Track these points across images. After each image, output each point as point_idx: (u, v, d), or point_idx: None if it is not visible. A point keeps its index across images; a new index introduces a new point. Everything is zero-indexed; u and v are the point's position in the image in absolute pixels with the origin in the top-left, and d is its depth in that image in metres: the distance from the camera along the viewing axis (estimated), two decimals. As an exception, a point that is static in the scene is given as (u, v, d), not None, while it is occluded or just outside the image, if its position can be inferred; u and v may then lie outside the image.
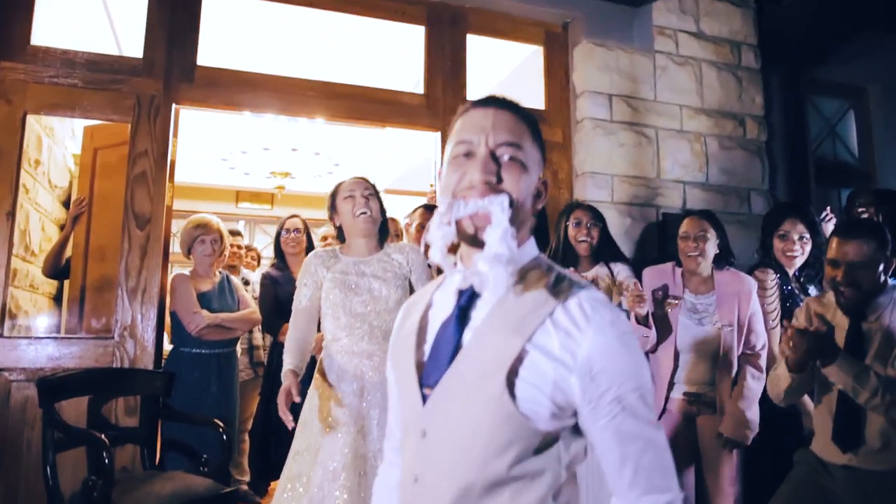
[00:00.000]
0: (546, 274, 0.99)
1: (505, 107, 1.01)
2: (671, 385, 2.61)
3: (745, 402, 2.49)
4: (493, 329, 0.95)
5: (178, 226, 3.67)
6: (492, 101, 1.02)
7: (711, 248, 2.63)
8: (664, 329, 2.56)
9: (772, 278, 2.75)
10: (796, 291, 2.77)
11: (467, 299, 0.99)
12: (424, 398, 0.97)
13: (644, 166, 3.46)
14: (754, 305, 2.57)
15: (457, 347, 0.96)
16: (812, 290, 2.76)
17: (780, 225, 2.82)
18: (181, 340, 3.03)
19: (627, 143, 3.44)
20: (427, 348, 1.02)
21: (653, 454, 0.89)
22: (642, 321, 2.44)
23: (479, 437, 0.91)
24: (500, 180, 0.96)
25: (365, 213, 2.27)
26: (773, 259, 2.83)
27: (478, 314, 0.97)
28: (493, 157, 0.97)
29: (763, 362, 2.55)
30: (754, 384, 2.52)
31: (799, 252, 2.77)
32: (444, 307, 1.03)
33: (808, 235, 2.77)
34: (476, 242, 0.94)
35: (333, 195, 2.36)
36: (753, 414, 2.49)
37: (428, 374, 0.98)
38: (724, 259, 2.67)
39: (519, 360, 0.90)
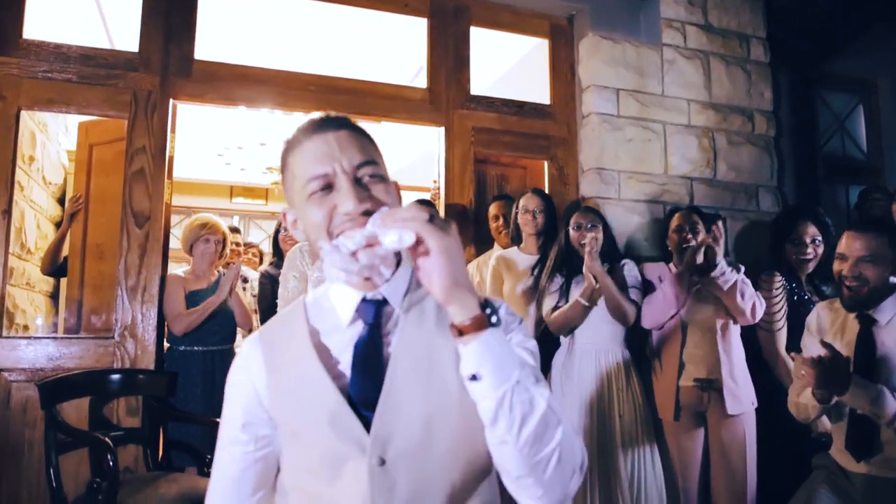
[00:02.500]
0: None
1: (342, 126, 0.95)
2: (681, 368, 2.60)
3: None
4: (416, 333, 0.95)
5: (172, 221, 3.60)
6: (326, 125, 0.95)
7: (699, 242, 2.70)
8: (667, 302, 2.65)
9: (778, 281, 2.71)
10: (807, 296, 2.72)
11: (373, 316, 0.96)
12: (367, 426, 0.91)
13: (651, 162, 3.40)
14: (741, 275, 2.62)
15: (384, 362, 0.94)
16: (827, 292, 2.71)
17: (791, 229, 2.77)
18: (178, 339, 2.98)
19: (634, 138, 3.38)
20: (343, 370, 0.95)
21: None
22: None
23: (451, 436, 0.91)
24: (374, 203, 0.91)
25: None
26: (785, 264, 2.78)
27: (392, 326, 0.97)
28: (357, 181, 0.92)
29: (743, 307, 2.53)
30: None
31: (812, 255, 2.72)
32: (337, 331, 0.98)
33: (820, 238, 2.72)
34: None
35: None
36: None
37: (361, 399, 0.92)
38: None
39: (458, 356, 0.88)
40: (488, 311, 0.82)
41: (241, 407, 1.00)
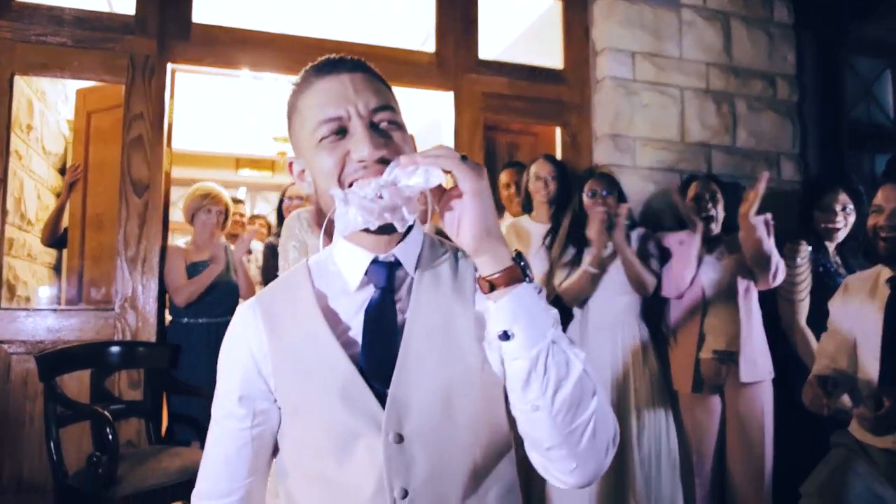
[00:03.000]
0: (440, 243, 0.96)
1: (357, 69, 0.87)
2: (701, 340, 2.52)
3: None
4: (431, 299, 0.88)
5: (177, 193, 3.53)
6: (340, 65, 0.87)
7: (721, 210, 2.66)
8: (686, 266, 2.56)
9: (803, 251, 2.60)
10: (834, 267, 2.60)
11: (385, 279, 0.88)
12: (380, 399, 0.83)
13: (667, 128, 3.27)
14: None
15: (397, 330, 0.87)
16: (855, 266, 2.60)
17: (821, 195, 2.64)
18: (180, 311, 2.92)
19: (650, 103, 3.25)
20: (353, 337, 0.88)
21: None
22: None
23: (471, 409, 0.85)
24: (392, 152, 0.83)
25: None
26: (813, 233, 2.65)
27: (404, 292, 0.90)
28: (373, 126, 0.84)
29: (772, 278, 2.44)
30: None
31: (841, 224, 2.60)
32: (346, 296, 0.90)
33: (851, 206, 2.59)
34: (387, 228, 0.81)
35: None
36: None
37: (373, 369, 0.85)
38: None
39: (477, 323, 0.86)
40: (522, 263, 0.76)
41: (238, 377, 0.91)
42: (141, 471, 2.14)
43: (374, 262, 0.89)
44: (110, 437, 1.97)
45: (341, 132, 0.84)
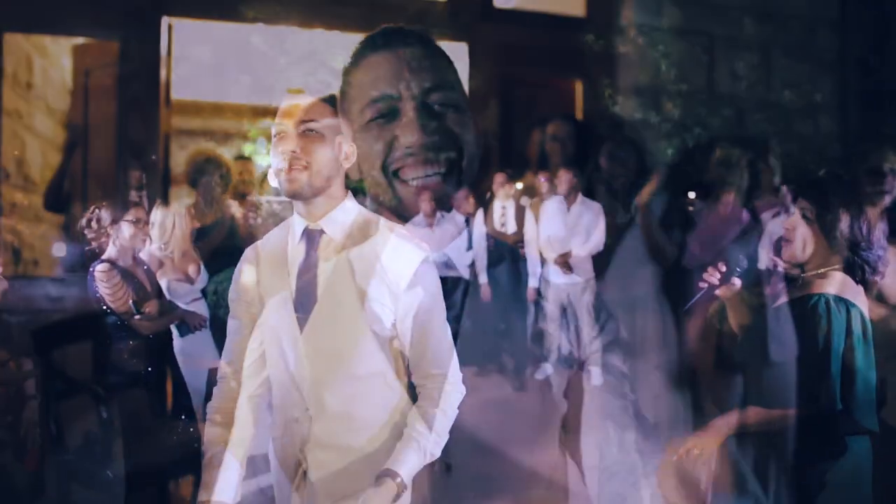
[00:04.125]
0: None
1: (414, 42, 0.83)
2: (722, 313, 2.37)
3: None
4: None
5: (192, 145, 3.42)
6: (395, 38, 0.83)
7: (746, 177, 2.49)
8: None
9: (843, 220, 2.43)
10: (875, 240, 2.42)
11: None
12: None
13: (696, 80, 3.12)
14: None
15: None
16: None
17: (868, 156, 2.45)
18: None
19: (679, 53, 3.09)
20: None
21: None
22: None
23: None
24: (444, 137, 0.79)
25: None
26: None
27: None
28: (426, 108, 0.78)
29: None
30: None
31: (889, 187, 2.41)
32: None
33: None
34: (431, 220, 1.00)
35: None
36: None
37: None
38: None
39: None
40: None
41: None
42: (140, 447, 2.09)
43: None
44: (104, 414, 1.92)
45: (391, 113, 0.80)
